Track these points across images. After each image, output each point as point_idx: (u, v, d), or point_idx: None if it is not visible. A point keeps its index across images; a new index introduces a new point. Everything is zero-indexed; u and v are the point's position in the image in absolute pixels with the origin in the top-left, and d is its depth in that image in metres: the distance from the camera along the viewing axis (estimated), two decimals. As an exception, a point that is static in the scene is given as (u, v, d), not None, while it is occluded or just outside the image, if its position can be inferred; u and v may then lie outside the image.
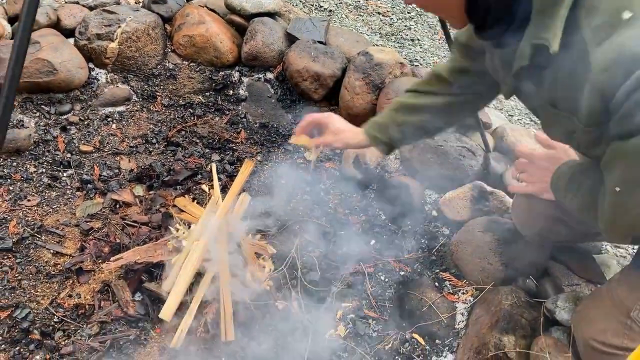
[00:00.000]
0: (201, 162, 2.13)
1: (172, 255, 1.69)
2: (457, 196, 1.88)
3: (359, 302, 1.74)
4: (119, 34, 2.22)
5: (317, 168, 2.21)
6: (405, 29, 2.91)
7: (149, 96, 2.30)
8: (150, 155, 2.13)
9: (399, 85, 2.19)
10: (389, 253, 1.88)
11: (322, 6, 2.97)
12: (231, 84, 2.39)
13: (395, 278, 1.80)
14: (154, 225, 1.84)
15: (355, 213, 2.02)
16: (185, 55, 2.39)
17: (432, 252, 1.85)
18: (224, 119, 2.32)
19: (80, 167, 2.02)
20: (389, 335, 1.63)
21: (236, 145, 2.24)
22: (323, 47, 2.34)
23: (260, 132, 2.31)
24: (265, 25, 2.39)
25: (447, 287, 1.73)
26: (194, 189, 2.02)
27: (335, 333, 1.64)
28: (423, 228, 1.93)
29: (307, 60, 2.26)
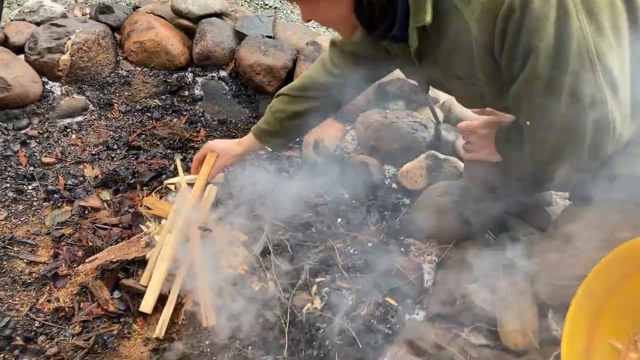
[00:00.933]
0: (164, 163, 2.17)
1: (146, 251, 1.74)
2: (413, 167, 1.98)
3: (332, 275, 1.81)
4: (70, 45, 2.24)
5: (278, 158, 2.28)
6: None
7: (106, 104, 2.33)
8: (113, 161, 2.16)
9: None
10: (355, 228, 1.97)
11: (267, 4, 3.05)
12: (186, 85, 2.44)
13: (363, 250, 1.88)
14: (125, 226, 1.88)
15: (320, 195, 2.10)
16: (137, 62, 2.43)
17: (395, 221, 1.95)
18: (182, 119, 2.36)
19: (44, 179, 2.04)
20: (363, 302, 1.71)
21: (197, 144, 2.29)
22: (272, 41, 2.41)
23: (220, 128, 2.37)
24: (214, 25, 2.45)
25: (412, 251, 1.82)
26: (159, 187, 2.07)
27: (312, 307, 1.72)
28: (385, 201, 2.02)
29: (259, 55, 2.33)
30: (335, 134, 2.24)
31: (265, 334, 1.62)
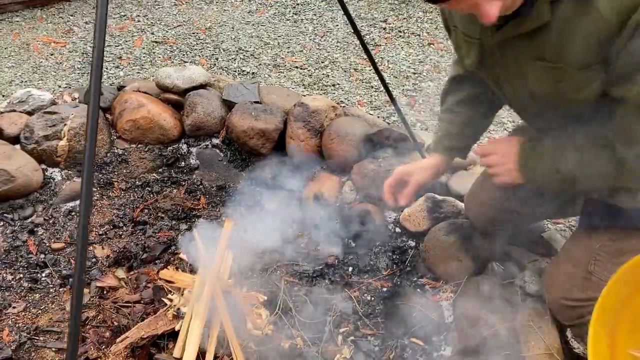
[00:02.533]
0: (171, 234, 2.22)
1: (174, 324, 1.78)
2: (414, 210, 2.10)
3: (354, 324, 1.88)
4: (66, 131, 2.30)
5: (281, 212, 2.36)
6: (324, 77, 3.18)
7: (106, 183, 2.38)
8: (122, 239, 2.20)
9: (336, 125, 2.42)
10: (368, 275, 2.06)
11: (244, 70, 3.19)
12: (181, 156, 2.52)
13: (380, 295, 1.97)
14: (147, 301, 1.91)
15: (327, 246, 2.18)
16: (132, 139, 2.50)
17: (405, 264, 2.05)
18: (181, 190, 2.43)
19: (56, 265, 2.06)
20: (390, 346, 1.79)
21: (199, 212, 2.36)
22: (260, 105, 2.53)
23: (219, 194, 2.44)
24: (203, 97, 2.56)
25: (428, 291, 1.92)
26: (172, 260, 2.12)
27: (342, 357, 1.78)
28: (391, 245, 2.12)
29: (250, 120, 2.44)
30: (333, 186, 2.34)
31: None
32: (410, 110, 2.93)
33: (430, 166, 1.70)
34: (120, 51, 3.20)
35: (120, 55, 3.15)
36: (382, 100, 3.01)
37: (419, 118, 2.86)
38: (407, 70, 3.33)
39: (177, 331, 1.77)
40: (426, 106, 2.98)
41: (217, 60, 3.24)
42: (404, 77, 3.24)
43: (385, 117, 2.85)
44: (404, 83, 3.18)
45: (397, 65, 3.36)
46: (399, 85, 3.16)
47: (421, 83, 3.21)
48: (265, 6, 3.92)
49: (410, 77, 3.26)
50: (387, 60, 3.42)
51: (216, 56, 3.28)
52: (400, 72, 3.28)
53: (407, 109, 2.94)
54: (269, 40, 3.52)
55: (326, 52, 3.45)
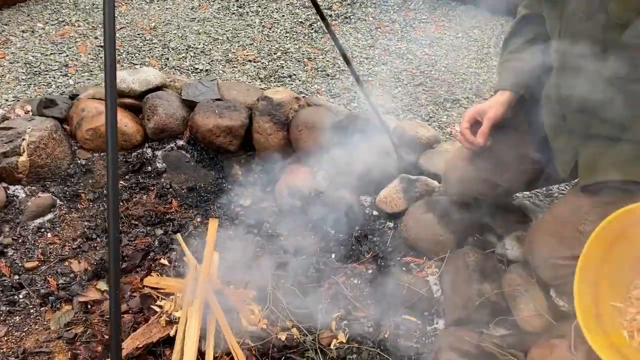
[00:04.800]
0: (148, 241, 2.19)
1: (168, 330, 1.76)
2: (390, 192, 2.16)
3: (345, 308, 1.92)
4: (25, 146, 2.21)
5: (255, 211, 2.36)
6: (279, 69, 3.18)
7: (73, 196, 2.30)
8: (97, 251, 2.15)
9: (302, 116, 2.43)
10: (351, 260, 2.10)
11: (197, 68, 3.14)
12: (147, 160, 2.47)
13: (366, 277, 2.02)
14: (135, 311, 1.88)
15: (307, 237, 2.21)
16: (93, 148, 2.43)
17: (386, 245, 2.10)
18: (151, 195, 2.39)
19: (33, 284, 1.99)
20: (384, 325, 1.84)
21: (173, 215, 2.33)
22: (223, 102, 2.51)
23: (190, 195, 2.42)
24: (162, 99, 2.51)
25: (413, 268, 1.98)
26: (153, 266, 2.08)
27: (338, 342, 1.82)
28: (370, 228, 2.17)
29: (215, 118, 2.42)
30: (305, 177, 2.36)
31: (306, 378, 1.70)
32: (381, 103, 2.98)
33: (503, 102, 1.68)
34: (66, 59, 3.08)
35: (66, 63, 3.04)
36: (339, 87, 3.04)
37: (379, 102, 2.91)
38: (360, 55, 3.37)
39: (172, 337, 1.76)
40: (383, 89, 3.04)
41: (167, 60, 3.18)
42: (357, 63, 3.28)
43: (345, 104, 2.88)
44: (358, 69, 3.22)
45: (349, 51, 3.40)
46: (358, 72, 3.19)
47: (375, 67, 3.26)
48: (208, 1, 3.86)
49: (363, 63, 3.30)
50: (337, 47, 3.44)
51: (166, 56, 3.21)
52: (353, 58, 3.32)
53: (365, 95, 2.98)
54: (217, 35, 3.48)
55: (277, 43, 3.44)
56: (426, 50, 3.50)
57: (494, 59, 3.46)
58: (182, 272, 2.06)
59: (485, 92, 3.10)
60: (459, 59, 3.43)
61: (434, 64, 3.36)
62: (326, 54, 3.37)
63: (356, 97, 2.94)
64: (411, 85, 3.10)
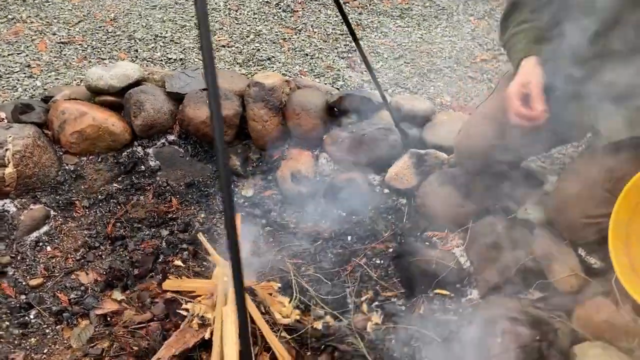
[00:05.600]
0: (156, 243, 2.10)
1: (202, 332, 1.70)
2: (401, 168, 2.14)
3: (373, 289, 1.90)
4: (10, 156, 2.06)
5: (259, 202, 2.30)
6: (255, 52, 3.08)
7: (67, 204, 2.17)
8: (103, 259, 2.04)
9: (296, 99, 2.37)
10: (368, 240, 2.08)
11: (170, 58, 3.00)
12: (139, 159, 2.35)
13: (388, 256, 2.00)
14: (161, 317, 1.80)
15: (319, 222, 2.17)
16: (81, 152, 2.29)
17: (404, 221, 2.09)
18: (148, 195, 2.28)
19: (42, 302, 1.87)
20: (417, 302, 1.83)
21: (175, 214, 2.23)
22: (212, 92, 2.41)
23: (190, 192, 2.32)
24: (148, 93, 2.38)
25: (436, 242, 1.98)
26: (167, 268, 2.00)
27: (374, 324, 1.80)
28: (384, 207, 2.15)
29: (207, 109, 2.32)
30: (308, 161, 2.31)
31: (350, 362, 1.67)
32: (352, 72, 2.94)
33: (535, 65, 1.59)
34: (27, 59, 2.87)
35: (28, 64, 2.83)
36: (322, 66, 2.98)
37: (364, 78, 2.88)
38: (334, 32, 3.31)
39: (207, 340, 1.70)
40: (366, 65, 3.00)
41: (137, 52, 3.02)
42: (334, 40, 3.22)
43: (331, 82, 2.83)
44: (336, 46, 3.16)
45: (322, 29, 3.33)
46: (332, 48, 3.14)
47: (352, 43, 3.21)
48: (165, -13, 3.69)
49: (339, 39, 3.25)
50: (310, 25, 3.37)
51: (135, 48, 3.05)
52: (328, 35, 3.26)
53: (349, 71, 2.94)
54: (183, 22, 3.33)
55: (247, 25, 3.33)
56: (398, 22, 3.48)
57: (465, 25, 3.47)
58: (200, 271, 2.00)
59: (464, 59, 3.12)
60: (431, 29, 3.42)
61: (409, 35, 3.34)
62: (300, 33, 3.29)
63: (341, 75, 2.89)
64: (392, 59, 3.07)
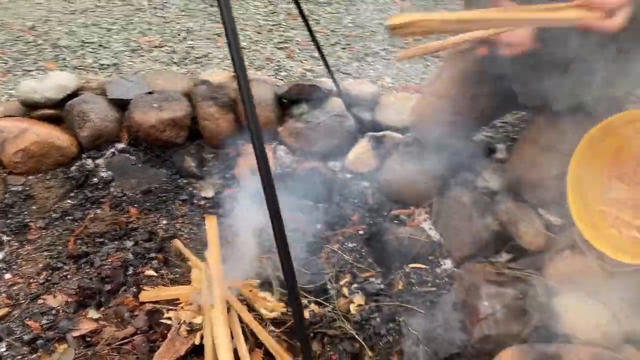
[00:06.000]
0: (121, 255, 2.03)
1: (193, 338, 1.68)
2: (360, 152, 2.19)
3: (350, 272, 1.95)
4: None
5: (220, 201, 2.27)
6: (190, 50, 3.02)
7: (20, 227, 2.06)
8: (70, 279, 1.95)
9: (246, 94, 2.35)
10: (339, 226, 2.12)
11: (103, 64, 2.88)
12: (90, 172, 2.26)
13: (360, 239, 2.05)
14: (144, 329, 1.76)
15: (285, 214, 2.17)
16: (27, 171, 2.17)
17: (370, 204, 2.14)
18: (105, 207, 2.20)
19: (12, 333, 1.77)
20: (394, 279, 1.90)
21: (136, 223, 2.17)
22: (157, 95, 2.35)
23: (147, 199, 2.26)
24: (90, 103, 2.29)
25: (405, 219, 2.05)
26: (140, 280, 1.95)
27: (357, 306, 1.85)
28: (348, 191, 2.20)
29: (156, 113, 2.27)
30: (265, 155, 2.31)
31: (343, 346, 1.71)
32: (292, 62, 2.95)
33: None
34: (-58, 78, 2.67)
35: (-55, 83, 2.64)
36: (261, 59, 2.97)
37: (305, 67, 2.90)
38: (266, 24, 3.30)
39: (198, 345, 1.68)
40: (305, 54, 3.02)
41: (65, 60, 2.87)
42: (268, 31, 3.21)
43: (273, 74, 2.83)
44: (271, 37, 3.16)
45: (253, 21, 3.32)
46: (267, 40, 3.13)
47: (286, 33, 3.22)
48: (80, -10, 3.52)
49: (273, 30, 3.24)
50: (240, 18, 3.34)
51: (62, 56, 2.90)
52: (261, 27, 3.25)
53: (289, 61, 2.95)
54: (108, 25, 3.20)
55: (176, 24, 3.26)
56: (327, 9, 3.52)
57: (392, 7, 3.57)
58: (175, 278, 1.96)
59: (397, 41, 3.20)
60: (360, 13, 3.49)
61: (340, 21, 3.39)
62: (232, 27, 3.25)
63: (282, 66, 2.89)
64: (328, 45, 3.11)
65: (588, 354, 1.36)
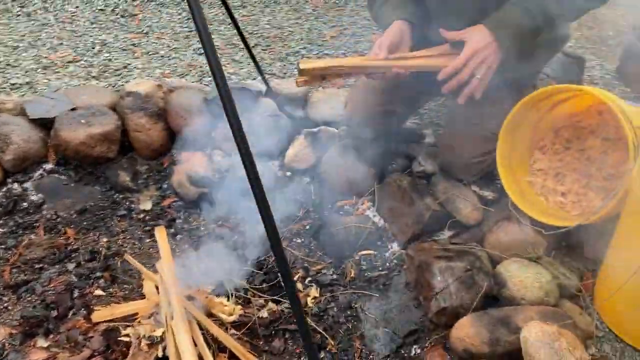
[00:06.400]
0: (64, 279, 1.96)
1: (155, 351, 1.65)
2: (299, 149, 2.23)
3: (302, 267, 1.99)
4: None
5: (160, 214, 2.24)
6: (108, 62, 2.93)
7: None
8: (11, 310, 1.86)
9: (176, 102, 2.34)
10: (285, 223, 2.15)
11: (14, 83, 2.74)
12: (19, 197, 2.16)
13: (308, 234, 2.10)
14: (102, 350, 1.71)
15: (229, 218, 2.19)
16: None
17: (312, 198, 2.19)
18: (40, 232, 2.11)
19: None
20: (346, 268, 1.96)
21: (75, 244, 2.10)
22: (83, 111, 2.28)
23: (84, 218, 2.19)
24: (11, 124, 2.18)
25: (349, 209, 2.12)
26: (89, 300, 1.89)
27: (312, 299, 1.89)
28: (291, 189, 2.23)
29: (84, 129, 2.20)
30: (202, 161, 2.30)
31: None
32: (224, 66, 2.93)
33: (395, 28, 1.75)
34: None
35: None
36: (182, 66, 2.94)
37: (230, 71, 2.90)
38: (182, 31, 3.27)
39: (161, 358, 1.66)
40: (227, 58, 3.02)
41: (-29, 83, 2.71)
42: (185, 38, 3.18)
43: (198, 80, 2.81)
44: (189, 43, 3.14)
45: (169, 29, 3.27)
46: (186, 47, 3.10)
47: (204, 39, 3.19)
48: (-24, 8, 3.32)
49: (190, 36, 3.22)
50: (155, 27, 3.29)
51: (-34, 78, 2.74)
52: (178, 34, 3.21)
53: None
54: (14, 43, 3.04)
55: (89, 37, 3.15)
56: (242, 12, 3.53)
57: (305, 7, 3.64)
58: (126, 295, 1.92)
59: (315, 39, 3.28)
60: (275, 14, 3.53)
61: (257, 23, 3.41)
62: (148, 36, 3.20)
63: (205, 72, 2.88)
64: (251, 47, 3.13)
65: (535, 311, 1.48)
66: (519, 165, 1.92)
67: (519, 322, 1.45)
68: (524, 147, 1.93)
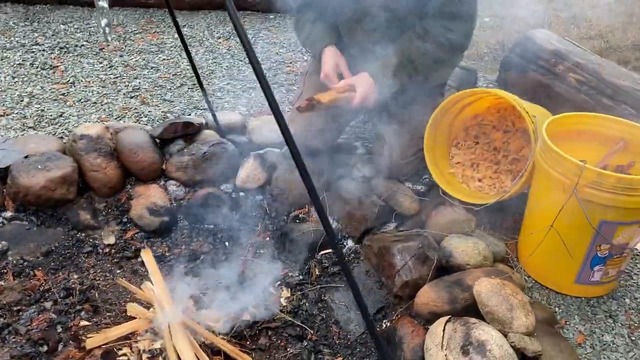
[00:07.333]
0: (46, 316, 2.04)
1: (157, 362, 1.80)
2: (250, 171, 2.47)
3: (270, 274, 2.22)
4: None
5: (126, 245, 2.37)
6: (42, 113, 2.99)
7: None
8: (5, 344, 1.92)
9: (127, 141, 2.49)
10: (245, 238, 2.36)
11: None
12: (-19, 247, 2.20)
13: (269, 245, 2.33)
14: (102, 374, 1.83)
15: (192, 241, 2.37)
16: None
17: (269, 213, 2.43)
18: (9, 277, 2.17)
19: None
20: (310, 268, 2.21)
21: (47, 284, 2.18)
22: (39, 157, 2.36)
23: (51, 259, 2.26)
24: (-34, 177, 2.23)
25: (304, 217, 2.38)
26: (78, 332, 1.98)
27: (285, 298, 2.12)
28: (246, 207, 2.46)
29: (43, 174, 2.29)
30: (158, 192, 2.46)
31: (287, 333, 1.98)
32: (148, 107, 3.10)
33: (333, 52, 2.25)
34: None
35: None
36: (117, 109, 3.07)
37: (163, 110, 3.07)
38: (108, 77, 3.39)
39: (163, 367, 1.81)
40: (158, 99, 3.19)
41: None
42: (112, 84, 3.31)
43: (135, 121, 2.96)
44: (118, 88, 3.27)
45: (94, 76, 3.39)
46: (115, 91, 3.23)
47: (131, 82, 3.35)
48: None
49: (117, 82, 3.35)
50: (80, 76, 3.38)
51: None
52: (104, 81, 3.33)
53: (145, 107, 3.10)
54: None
55: (14, 90, 3.16)
56: (161, 56, 3.72)
57: (219, 47, 3.90)
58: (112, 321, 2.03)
59: (235, 74, 3.54)
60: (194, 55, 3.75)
61: (177, 65, 3.62)
62: (74, 85, 3.28)
63: (140, 112, 3.03)
64: (175, 87, 3.33)
65: (480, 272, 1.83)
66: (441, 160, 2.31)
67: (469, 281, 1.78)
68: (443, 145, 2.32)
